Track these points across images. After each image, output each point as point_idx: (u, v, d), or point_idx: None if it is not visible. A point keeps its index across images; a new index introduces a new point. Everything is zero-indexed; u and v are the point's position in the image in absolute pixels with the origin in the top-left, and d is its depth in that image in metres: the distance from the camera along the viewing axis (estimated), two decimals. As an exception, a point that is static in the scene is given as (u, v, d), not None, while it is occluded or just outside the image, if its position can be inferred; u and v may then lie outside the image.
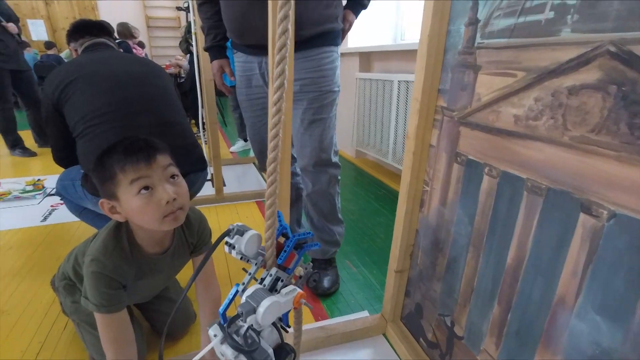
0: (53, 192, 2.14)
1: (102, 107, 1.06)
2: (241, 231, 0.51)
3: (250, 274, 0.52)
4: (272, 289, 0.50)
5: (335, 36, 1.02)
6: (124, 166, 0.68)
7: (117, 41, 4.26)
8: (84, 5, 7.86)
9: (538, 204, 0.55)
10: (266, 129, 1.14)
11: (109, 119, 1.06)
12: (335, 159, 1.11)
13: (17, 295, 1.25)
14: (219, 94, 3.93)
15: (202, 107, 2.04)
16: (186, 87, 4.22)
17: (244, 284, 0.51)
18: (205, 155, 1.30)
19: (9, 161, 2.89)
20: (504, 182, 0.61)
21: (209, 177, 1.66)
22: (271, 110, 0.45)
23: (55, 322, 1.12)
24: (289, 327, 0.55)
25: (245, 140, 3.23)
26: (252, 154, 3.05)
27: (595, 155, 0.45)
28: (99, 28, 1.28)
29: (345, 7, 1.14)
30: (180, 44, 4.49)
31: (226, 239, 0.52)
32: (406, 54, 2.00)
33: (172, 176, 0.72)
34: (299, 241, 0.52)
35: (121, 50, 1.34)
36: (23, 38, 3.11)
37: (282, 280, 0.50)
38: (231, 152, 3.18)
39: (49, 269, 1.41)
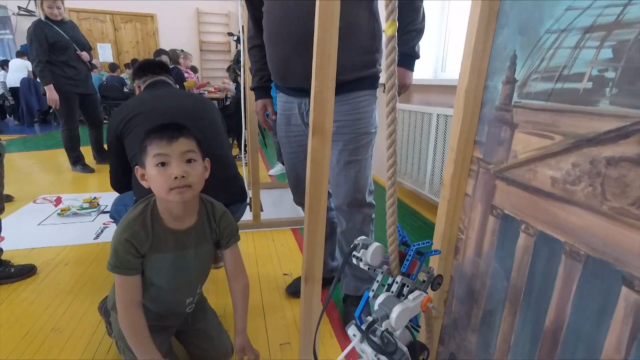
0: (107, 209, 2.31)
1: None
2: (366, 245, 0.58)
3: (377, 281, 0.58)
4: (399, 295, 0.56)
5: (373, 80, 1.06)
6: (152, 141, 0.83)
7: (171, 66, 4.60)
8: (146, 30, 8.59)
9: (577, 270, 0.53)
10: (302, 165, 1.19)
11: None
12: (369, 198, 1.13)
13: (68, 314, 1.36)
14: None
15: (245, 128, 2.12)
16: (231, 109, 4.45)
17: (373, 290, 0.58)
18: (245, 181, 1.38)
19: (71, 176, 3.17)
20: (541, 241, 0.60)
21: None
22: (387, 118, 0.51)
23: (101, 343, 1.20)
24: (419, 326, 0.61)
25: (284, 164, 3.32)
26: (290, 178, 3.13)
27: (637, 230, 0.44)
28: (159, 66, 1.42)
29: (399, 65, 1.14)
30: (228, 70, 4.75)
31: (354, 252, 0.60)
32: (446, 88, 2.00)
33: (189, 160, 0.85)
34: (420, 249, 0.58)
35: (177, 87, 1.48)
36: (93, 61, 3.46)
37: (407, 286, 0.56)
38: (270, 175, 3.28)
39: (98, 288, 1.52)
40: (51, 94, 2.87)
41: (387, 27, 0.48)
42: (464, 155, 0.76)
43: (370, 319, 0.55)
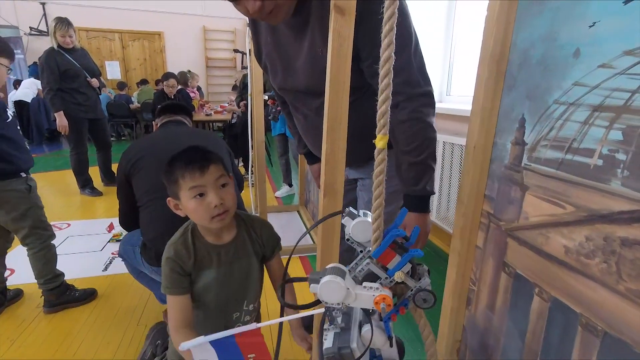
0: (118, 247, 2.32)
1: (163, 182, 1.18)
2: (353, 214, 0.53)
3: (356, 263, 0.53)
4: (359, 279, 0.51)
5: None
6: (184, 174, 0.85)
7: (179, 88, 4.66)
8: (153, 47, 8.75)
9: (595, 344, 0.53)
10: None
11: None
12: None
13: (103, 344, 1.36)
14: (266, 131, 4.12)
15: (252, 148, 2.11)
16: (237, 130, 4.48)
17: (353, 269, 0.52)
18: (252, 204, 1.40)
19: (79, 200, 3.21)
20: (556, 308, 0.59)
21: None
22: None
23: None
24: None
25: (290, 185, 3.33)
26: (296, 201, 3.14)
27: (655, 316, 0.43)
28: (179, 108, 1.46)
29: (411, 210, 0.86)
30: (234, 88, 4.80)
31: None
32: (452, 116, 2.00)
33: (223, 184, 0.87)
34: (399, 241, 0.50)
35: (190, 123, 1.52)
36: (101, 79, 3.53)
37: (379, 280, 0.51)
38: (276, 197, 3.29)
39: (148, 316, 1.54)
40: (61, 121, 2.93)
41: (377, 140, 0.44)
42: (474, 209, 0.76)
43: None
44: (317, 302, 0.50)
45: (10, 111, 1.53)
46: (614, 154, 0.47)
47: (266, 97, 2.85)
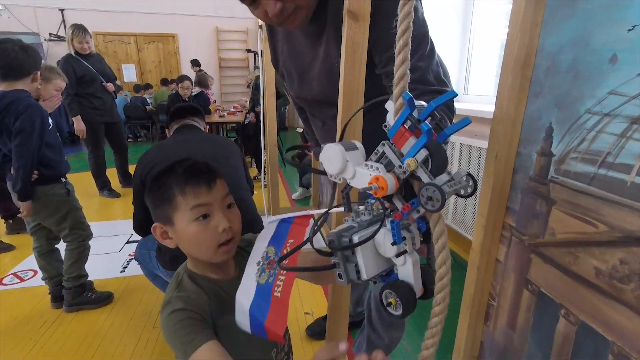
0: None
1: None
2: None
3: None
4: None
5: None
6: (184, 189, 0.66)
7: (197, 92, 4.71)
8: (168, 49, 8.88)
9: (628, 376, 0.48)
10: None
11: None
12: None
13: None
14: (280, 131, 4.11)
15: (264, 149, 2.09)
16: (250, 130, 4.49)
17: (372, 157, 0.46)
18: (265, 206, 1.40)
19: (98, 202, 3.27)
20: (584, 333, 0.55)
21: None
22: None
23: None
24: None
25: (307, 188, 3.31)
26: (311, 203, 3.11)
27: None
28: (190, 111, 1.46)
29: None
30: (249, 87, 4.83)
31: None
32: (470, 117, 1.94)
33: (229, 205, 0.72)
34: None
35: (205, 126, 1.51)
36: (117, 83, 3.60)
37: (394, 168, 0.42)
38: (292, 199, 3.27)
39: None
40: (78, 125, 3.00)
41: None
42: (495, 221, 0.72)
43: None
44: (330, 253, 0.45)
45: (50, 119, 1.59)
46: (655, 172, 0.43)
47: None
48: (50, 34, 7.57)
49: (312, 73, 0.88)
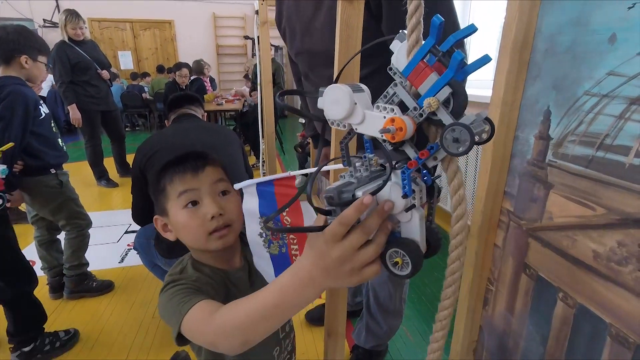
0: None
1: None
2: (403, 36, 0.39)
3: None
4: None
5: None
6: (172, 177, 0.65)
7: (193, 78, 4.66)
8: (164, 36, 8.75)
9: (625, 357, 0.49)
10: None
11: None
12: None
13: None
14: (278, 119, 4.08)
15: (263, 137, 2.09)
16: (249, 118, 4.46)
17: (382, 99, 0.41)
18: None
19: (96, 191, 3.26)
20: (582, 316, 0.55)
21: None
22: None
23: None
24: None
25: (306, 176, 3.30)
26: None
27: (697, 334, 0.39)
28: (188, 99, 1.45)
29: None
30: (246, 77, 4.76)
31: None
32: (470, 103, 1.93)
33: (223, 192, 0.69)
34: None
35: (204, 114, 1.50)
36: (113, 70, 3.55)
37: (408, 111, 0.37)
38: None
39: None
40: (74, 113, 2.97)
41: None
42: (493, 207, 0.72)
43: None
44: (329, 212, 0.42)
45: (44, 108, 1.54)
46: (653, 153, 0.43)
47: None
48: (44, 20, 7.44)
49: (315, 24, 0.90)
